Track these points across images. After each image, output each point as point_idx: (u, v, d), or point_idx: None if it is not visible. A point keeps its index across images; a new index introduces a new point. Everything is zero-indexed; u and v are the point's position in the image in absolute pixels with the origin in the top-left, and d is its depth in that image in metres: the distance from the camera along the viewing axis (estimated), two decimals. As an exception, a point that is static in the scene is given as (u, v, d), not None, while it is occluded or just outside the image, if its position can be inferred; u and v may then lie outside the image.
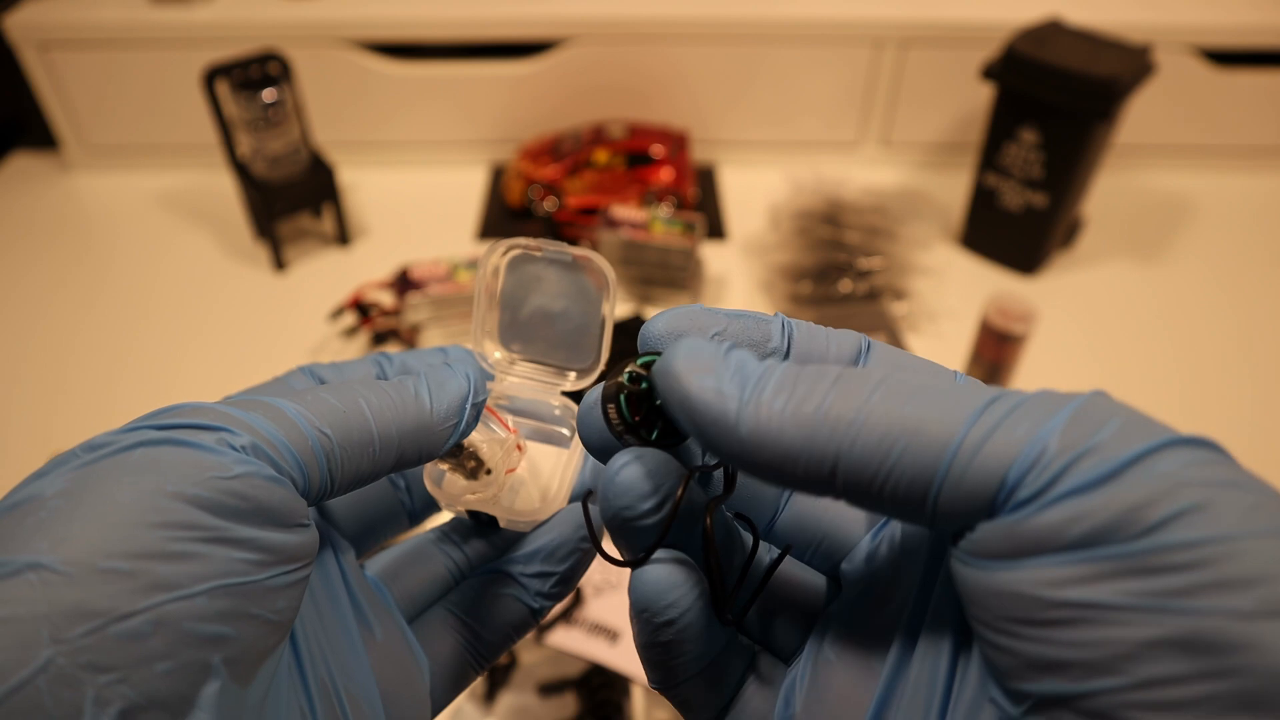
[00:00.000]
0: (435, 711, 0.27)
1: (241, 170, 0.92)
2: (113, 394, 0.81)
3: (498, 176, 1.12)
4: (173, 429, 0.20)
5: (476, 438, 0.29)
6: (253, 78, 0.88)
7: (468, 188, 1.10)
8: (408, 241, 1.00)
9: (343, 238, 0.99)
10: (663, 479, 0.20)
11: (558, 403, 0.32)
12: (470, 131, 1.13)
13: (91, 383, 0.83)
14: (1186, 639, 0.14)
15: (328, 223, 1.02)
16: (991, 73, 0.89)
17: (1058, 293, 0.94)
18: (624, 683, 0.58)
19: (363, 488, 0.25)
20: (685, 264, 0.88)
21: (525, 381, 0.31)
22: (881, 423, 0.17)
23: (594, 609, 0.59)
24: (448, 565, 0.30)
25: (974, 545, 0.17)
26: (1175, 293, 0.95)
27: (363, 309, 0.84)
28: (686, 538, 0.22)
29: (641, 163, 1.01)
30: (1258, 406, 0.81)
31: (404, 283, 0.85)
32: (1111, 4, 1.07)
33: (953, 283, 0.95)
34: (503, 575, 0.29)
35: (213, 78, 0.86)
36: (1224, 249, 1.02)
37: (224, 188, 1.04)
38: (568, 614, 0.59)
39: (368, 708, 0.24)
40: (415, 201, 1.08)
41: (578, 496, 0.30)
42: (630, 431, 0.21)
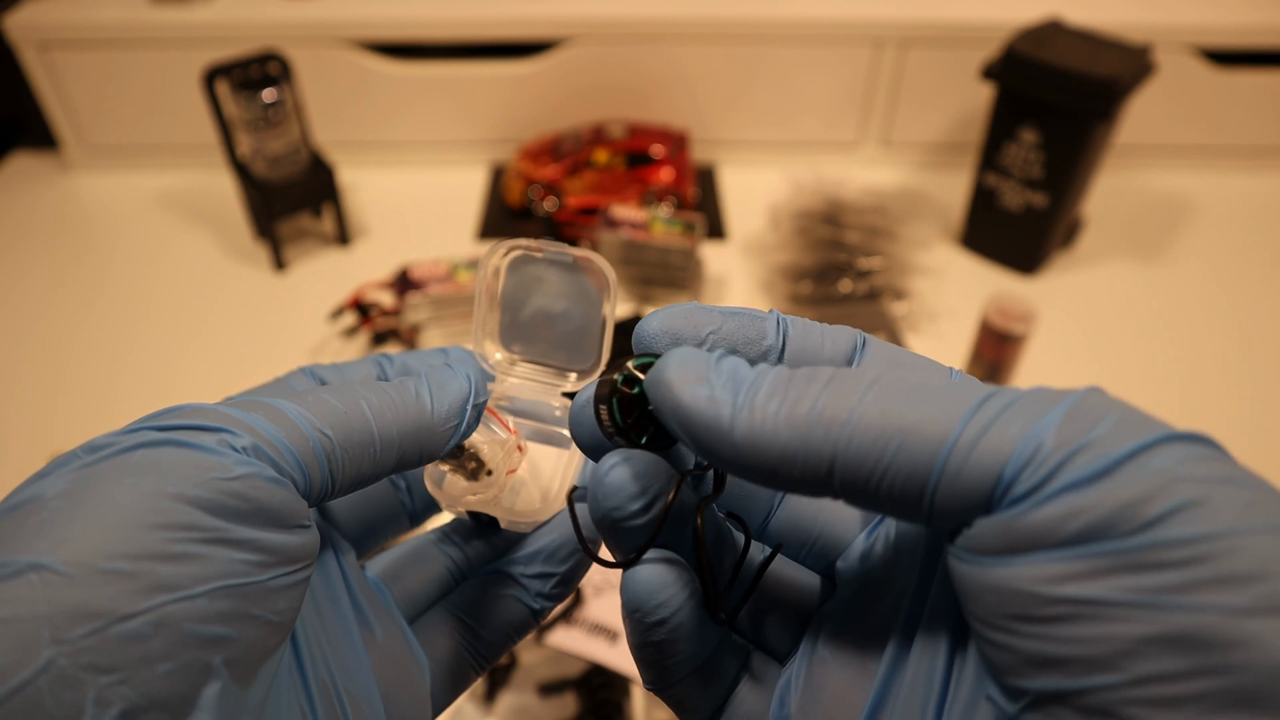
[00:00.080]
0: (436, 712, 0.27)
1: (241, 170, 0.92)
2: (113, 394, 0.81)
3: (498, 176, 1.12)
4: (174, 430, 0.20)
5: (477, 439, 0.29)
6: (253, 78, 0.88)
7: (468, 188, 1.10)
8: (408, 241, 1.00)
9: (343, 238, 0.99)
10: (652, 480, 0.20)
11: (558, 404, 0.32)
12: (470, 131, 1.13)
13: (91, 383, 0.83)
14: (1183, 635, 0.14)
15: (328, 223, 1.02)
16: (991, 73, 0.89)
17: (1058, 293, 0.94)
18: (624, 683, 0.58)
19: (364, 489, 0.25)
20: (685, 264, 0.88)
21: (526, 382, 0.31)
22: (876, 421, 0.17)
23: (594, 609, 0.59)
24: (448, 566, 0.30)
25: (971, 542, 0.17)
26: (1175, 293, 0.95)
27: (363, 309, 0.84)
28: (678, 538, 0.22)
29: (641, 163, 1.01)
30: (1257, 406, 0.81)
31: (404, 283, 0.85)
32: (1111, 4, 1.07)
33: (953, 283, 0.95)
34: (503, 576, 0.29)
35: (213, 78, 0.86)
36: (1224, 249, 1.02)
37: (224, 188, 1.04)
38: (568, 614, 0.59)
39: (368, 708, 0.24)
40: (415, 201, 1.08)
41: (579, 498, 0.30)
42: (621, 434, 0.21)
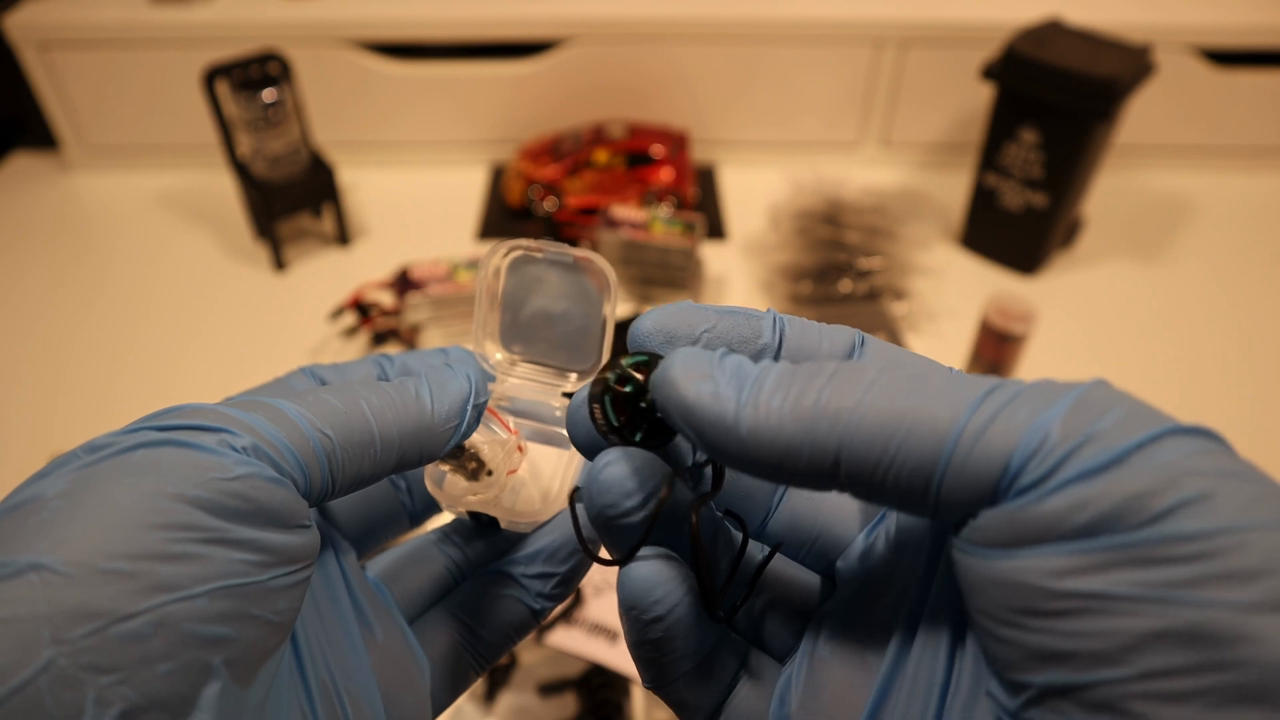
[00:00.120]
0: (436, 712, 0.27)
1: (241, 170, 0.92)
2: (113, 394, 0.81)
3: (498, 176, 1.12)
4: (174, 430, 0.20)
5: (478, 439, 0.29)
6: (253, 78, 0.88)
7: (468, 188, 1.10)
8: (408, 241, 1.00)
9: (343, 238, 0.99)
10: (646, 477, 0.20)
11: (559, 404, 0.32)
12: (470, 131, 1.13)
13: (91, 383, 0.83)
14: (1190, 630, 0.14)
15: (328, 223, 1.02)
16: (991, 73, 0.89)
17: (1058, 293, 0.94)
18: (624, 683, 0.58)
19: (364, 489, 0.25)
20: (685, 264, 0.88)
21: (526, 383, 0.31)
22: (882, 412, 0.17)
23: (594, 609, 0.59)
24: (448, 566, 0.30)
25: (976, 534, 0.17)
26: (1175, 292, 0.95)
27: (363, 309, 0.84)
28: (676, 536, 0.22)
29: (641, 163, 1.01)
30: (1258, 406, 0.81)
31: (404, 283, 0.85)
32: (1111, 4, 1.07)
33: (953, 283, 0.95)
34: (503, 576, 0.29)
35: (213, 78, 0.86)
36: (1224, 249, 1.02)
37: (224, 188, 1.04)
38: (568, 614, 0.59)
39: (368, 708, 0.24)
40: (415, 201, 1.08)
41: (580, 498, 0.30)
42: (615, 433, 0.21)
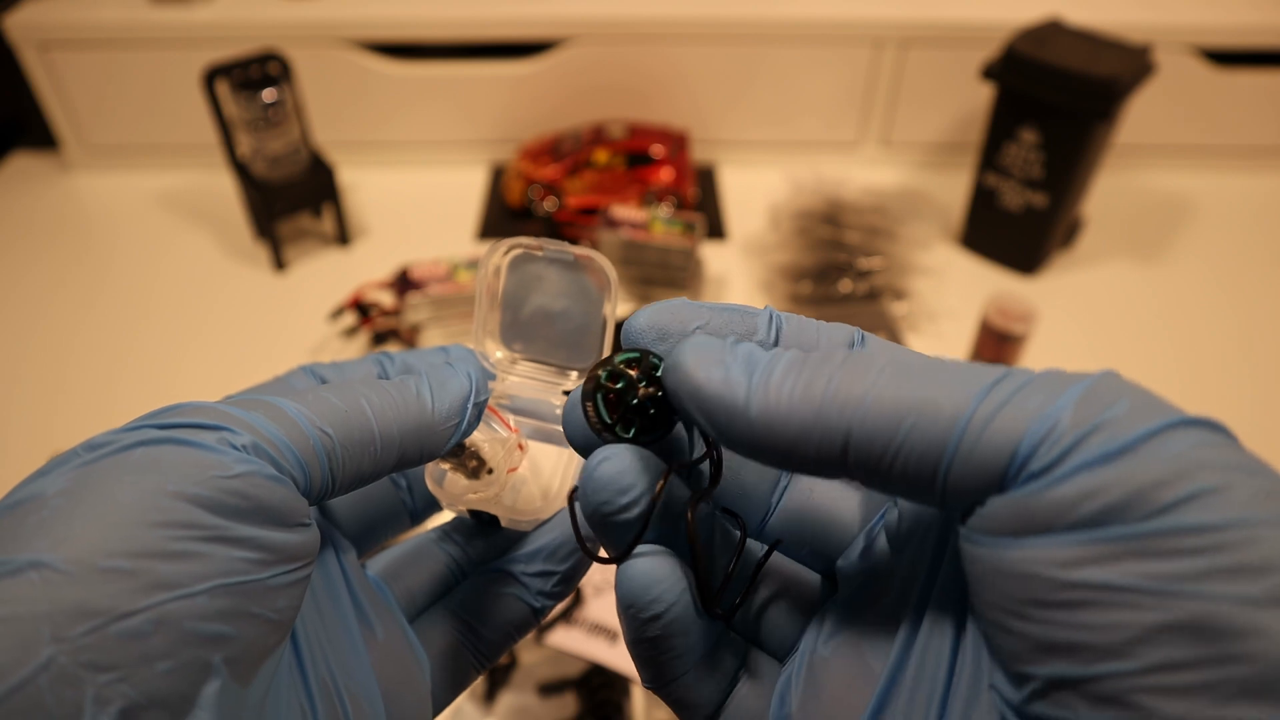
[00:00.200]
0: (436, 710, 0.27)
1: (241, 170, 0.92)
2: (113, 394, 0.81)
3: (498, 176, 1.12)
4: (174, 428, 0.20)
5: (478, 437, 0.29)
6: (253, 78, 0.88)
7: (468, 188, 1.10)
8: (408, 241, 1.00)
9: (343, 238, 0.99)
10: (641, 473, 0.20)
11: (559, 402, 0.32)
12: (470, 131, 1.13)
13: (91, 383, 0.83)
14: (1196, 624, 0.14)
15: (328, 223, 1.02)
16: (991, 73, 0.89)
17: (1058, 293, 0.94)
18: (624, 683, 0.58)
19: (364, 487, 0.25)
20: (685, 264, 0.88)
21: (527, 381, 0.31)
22: (891, 398, 0.17)
23: (594, 609, 0.59)
24: (449, 564, 0.30)
25: (983, 522, 0.17)
26: (1175, 292, 0.95)
27: (363, 309, 0.84)
28: (674, 535, 0.22)
29: (641, 163, 1.01)
30: (1258, 406, 0.81)
31: (404, 283, 0.85)
32: (1111, 4, 1.07)
33: (953, 283, 0.95)
34: (504, 574, 0.29)
35: (213, 78, 0.86)
36: (1224, 249, 1.02)
37: (224, 188, 1.04)
38: (568, 614, 0.59)
39: (369, 707, 0.24)
40: (415, 201, 1.08)
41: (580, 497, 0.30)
42: (608, 430, 0.21)
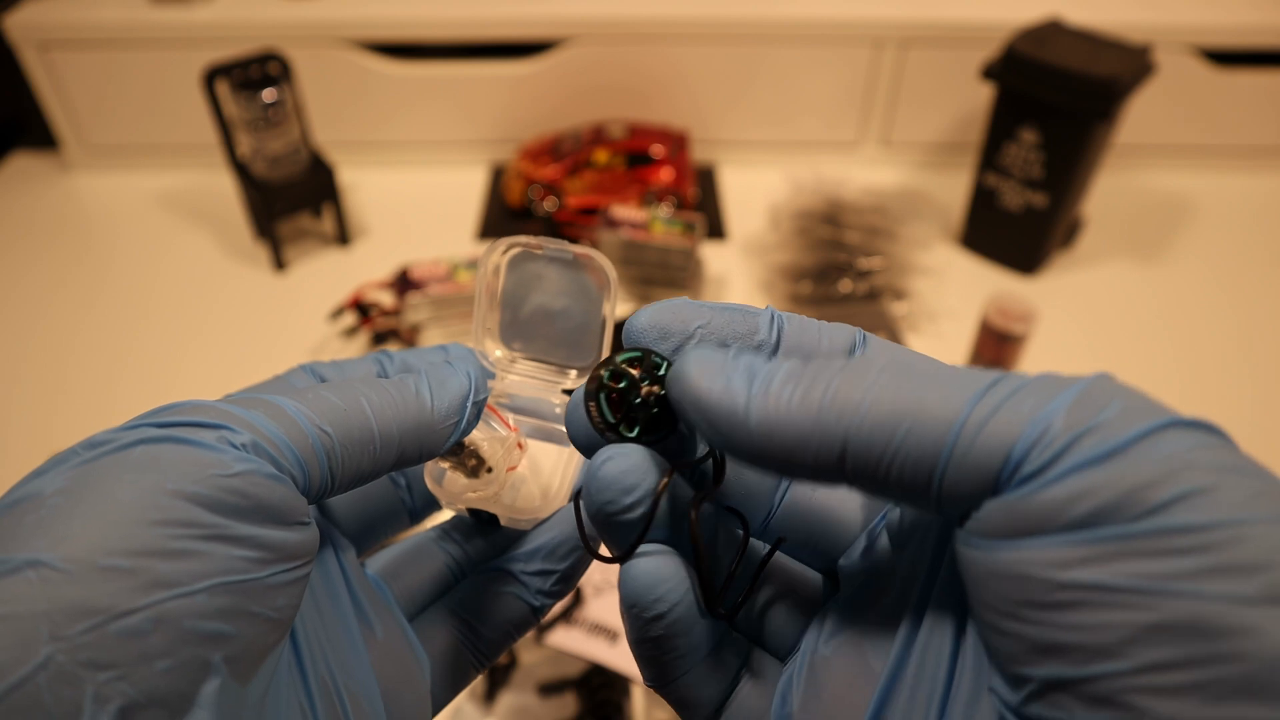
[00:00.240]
0: (436, 710, 0.27)
1: (241, 170, 0.92)
2: (113, 394, 0.81)
3: (498, 176, 1.12)
4: (173, 427, 0.20)
5: (477, 436, 0.29)
6: (253, 78, 0.88)
7: (468, 188, 1.10)
8: (408, 241, 1.00)
9: (343, 238, 0.99)
10: (644, 474, 0.20)
11: (558, 401, 0.32)
12: (470, 131, 1.13)
13: (91, 383, 0.83)
14: (1188, 623, 0.14)
15: (328, 223, 1.02)
16: (991, 73, 0.89)
17: (1058, 293, 0.94)
18: (624, 683, 0.58)
19: (363, 486, 0.25)
20: (685, 264, 0.88)
21: (526, 380, 0.31)
22: (887, 404, 0.17)
23: (594, 609, 0.59)
24: (448, 563, 0.29)
25: (979, 525, 0.17)
26: (1175, 292, 0.95)
27: (363, 309, 0.84)
28: (678, 534, 0.22)
29: (641, 163, 1.01)
30: (1258, 406, 0.81)
31: (404, 283, 0.85)
32: (1111, 4, 1.07)
33: (953, 283, 0.95)
34: (503, 573, 0.29)
35: (213, 78, 0.86)
36: (1224, 249, 1.02)
37: (224, 188, 1.04)
38: (568, 614, 0.59)
39: (368, 705, 0.24)
40: (415, 201, 1.08)
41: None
42: (611, 429, 0.22)
